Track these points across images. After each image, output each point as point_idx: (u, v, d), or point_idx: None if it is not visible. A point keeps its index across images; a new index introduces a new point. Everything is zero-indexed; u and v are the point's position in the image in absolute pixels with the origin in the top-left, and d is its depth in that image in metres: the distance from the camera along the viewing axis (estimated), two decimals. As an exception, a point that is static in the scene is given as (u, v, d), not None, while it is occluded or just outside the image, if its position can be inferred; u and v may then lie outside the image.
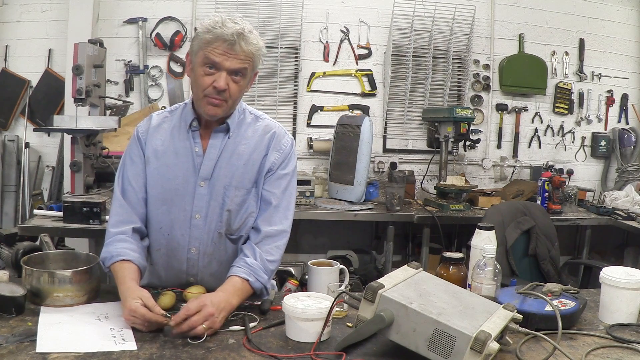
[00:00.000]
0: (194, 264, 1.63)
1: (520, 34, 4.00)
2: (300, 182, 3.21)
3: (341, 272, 1.68)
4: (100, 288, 1.53)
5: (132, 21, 3.67)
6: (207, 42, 1.48)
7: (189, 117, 1.62)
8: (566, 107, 4.12)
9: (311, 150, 3.82)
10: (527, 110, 4.08)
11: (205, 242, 1.61)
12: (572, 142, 4.18)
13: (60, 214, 2.65)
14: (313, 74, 3.85)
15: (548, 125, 4.13)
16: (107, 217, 2.43)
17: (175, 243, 1.62)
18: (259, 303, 1.48)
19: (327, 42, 3.84)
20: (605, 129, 4.21)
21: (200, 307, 1.29)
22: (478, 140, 3.74)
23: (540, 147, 4.13)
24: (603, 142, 4.13)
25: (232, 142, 1.62)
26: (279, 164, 1.64)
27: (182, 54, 3.71)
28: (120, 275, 1.46)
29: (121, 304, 1.36)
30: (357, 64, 3.90)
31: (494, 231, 1.58)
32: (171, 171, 1.60)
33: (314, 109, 3.87)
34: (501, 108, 4.06)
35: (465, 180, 3.53)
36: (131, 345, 1.22)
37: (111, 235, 1.57)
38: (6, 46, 3.66)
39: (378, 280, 1.22)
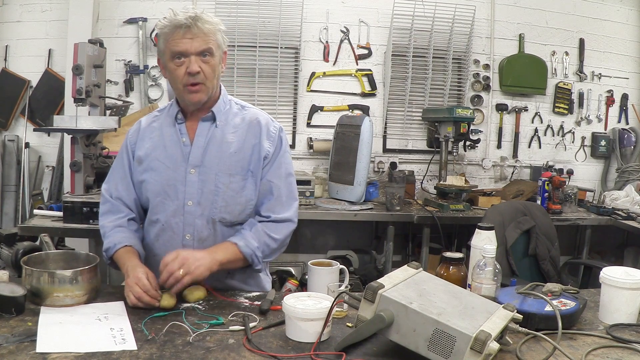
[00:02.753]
0: None
1: (520, 34, 4.00)
2: (300, 182, 3.19)
3: (341, 272, 1.68)
4: (100, 288, 1.53)
5: (132, 21, 3.67)
6: (167, 35, 1.56)
7: (174, 111, 1.70)
8: (566, 107, 4.12)
9: (311, 150, 3.82)
10: (527, 110, 4.08)
11: (200, 228, 1.65)
12: (572, 142, 4.18)
13: (60, 214, 2.66)
14: (313, 74, 3.85)
15: (548, 125, 4.13)
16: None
17: (171, 231, 1.67)
18: (259, 303, 1.48)
19: (327, 42, 3.84)
20: (605, 129, 4.21)
21: (175, 254, 1.47)
22: (478, 140, 3.74)
23: (540, 147, 4.13)
24: (603, 142, 4.13)
25: (220, 131, 1.68)
26: (273, 151, 1.70)
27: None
28: (126, 256, 1.57)
29: (125, 276, 1.50)
30: (357, 64, 3.90)
31: (494, 231, 1.58)
32: (162, 164, 1.67)
33: (314, 109, 3.87)
34: (501, 108, 4.06)
35: (465, 180, 3.53)
36: (131, 345, 1.22)
37: (109, 228, 1.66)
38: (6, 46, 3.66)
39: (378, 280, 1.22)
